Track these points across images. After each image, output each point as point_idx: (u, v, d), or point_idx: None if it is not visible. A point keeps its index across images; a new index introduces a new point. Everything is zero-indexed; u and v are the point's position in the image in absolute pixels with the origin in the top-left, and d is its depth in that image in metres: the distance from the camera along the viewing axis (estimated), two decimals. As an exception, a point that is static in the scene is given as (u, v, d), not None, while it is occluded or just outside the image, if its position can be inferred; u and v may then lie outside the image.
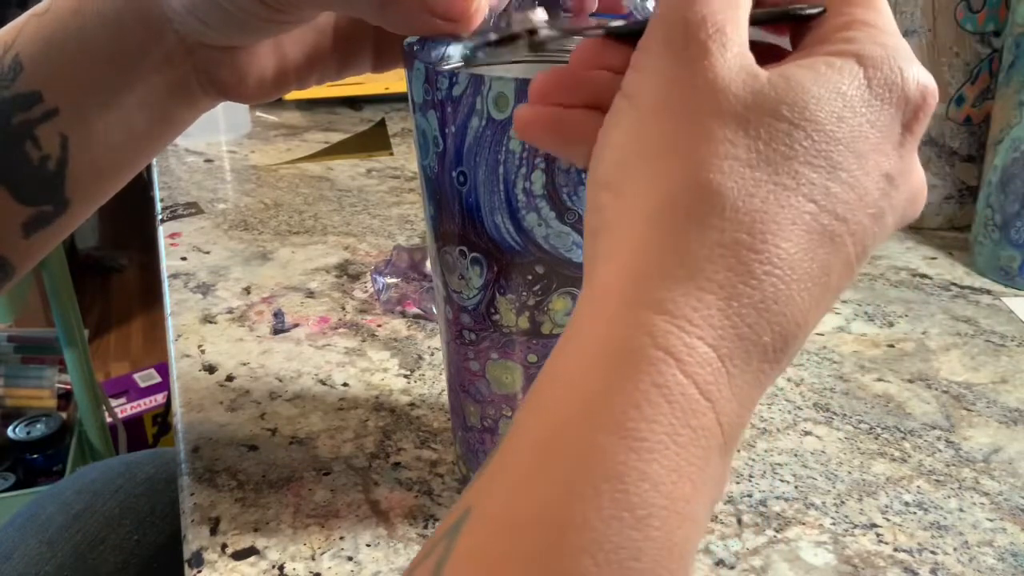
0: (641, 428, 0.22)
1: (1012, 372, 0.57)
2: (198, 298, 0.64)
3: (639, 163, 0.25)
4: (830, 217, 0.24)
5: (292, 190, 0.83)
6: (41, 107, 0.39)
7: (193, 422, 0.51)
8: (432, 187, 0.38)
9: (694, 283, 0.23)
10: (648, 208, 0.24)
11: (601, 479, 0.21)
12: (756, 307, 0.23)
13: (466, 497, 0.24)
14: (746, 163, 0.24)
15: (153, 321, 2.35)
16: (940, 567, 0.42)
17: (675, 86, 0.25)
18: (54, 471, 1.41)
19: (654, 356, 0.22)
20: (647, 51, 0.26)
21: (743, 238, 0.23)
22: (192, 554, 0.42)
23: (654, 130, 0.25)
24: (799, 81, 0.25)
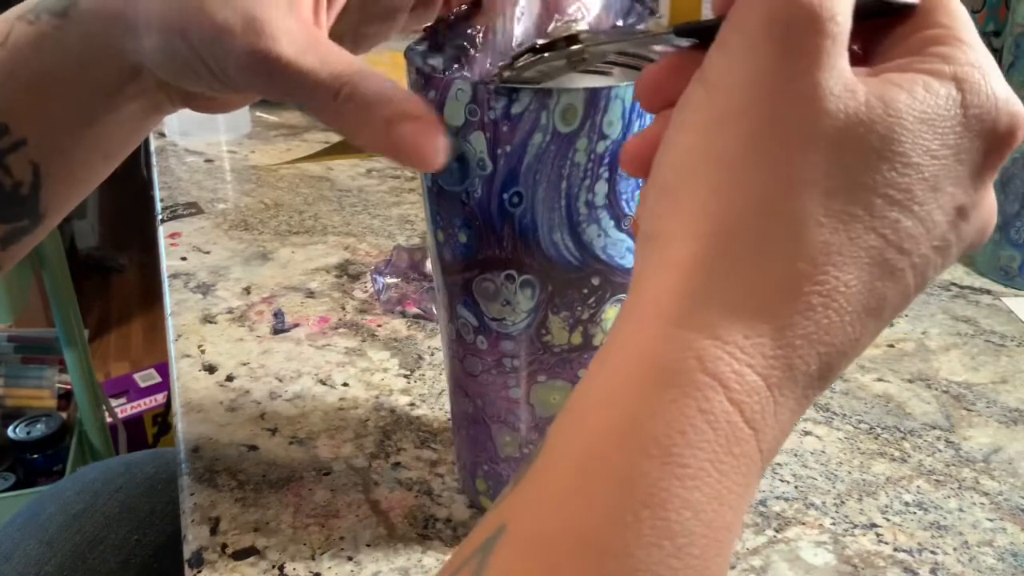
0: (685, 454, 0.21)
1: (1012, 372, 0.57)
2: (198, 298, 0.64)
3: (706, 170, 0.23)
4: (895, 252, 0.23)
5: (292, 190, 0.83)
6: (8, 139, 0.38)
7: (193, 422, 0.51)
8: (466, 213, 0.36)
9: (748, 309, 0.23)
10: (709, 225, 0.23)
11: (642, 505, 0.21)
12: (809, 338, 0.23)
13: (498, 512, 0.23)
14: (824, 191, 0.23)
15: (153, 321, 2.35)
16: (940, 567, 0.42)
17: (766, 86, 0.23)
18: (54, 471, 1.41)
19: (701, 381, 0.22)
20: (740, 29, 0.23)
21: (806, 268, 0.23)
22: (192, 554, 0.42)
23: (731, 133, 0.23)
24: (896, 108, 0.23)
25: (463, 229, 0.37)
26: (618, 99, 0.33)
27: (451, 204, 0.36)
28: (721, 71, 0.24)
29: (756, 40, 0.23)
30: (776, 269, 0.23)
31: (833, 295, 0.23)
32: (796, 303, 0.23)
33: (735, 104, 0.23)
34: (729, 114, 0.23)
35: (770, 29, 0.23)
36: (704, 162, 0.24)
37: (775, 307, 0.23)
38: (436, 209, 0.38)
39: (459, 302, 0.38)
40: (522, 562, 0.21)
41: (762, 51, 0.23)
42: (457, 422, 0.43)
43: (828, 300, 0.23)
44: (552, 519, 0.22)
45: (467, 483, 0.45)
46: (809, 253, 0.23)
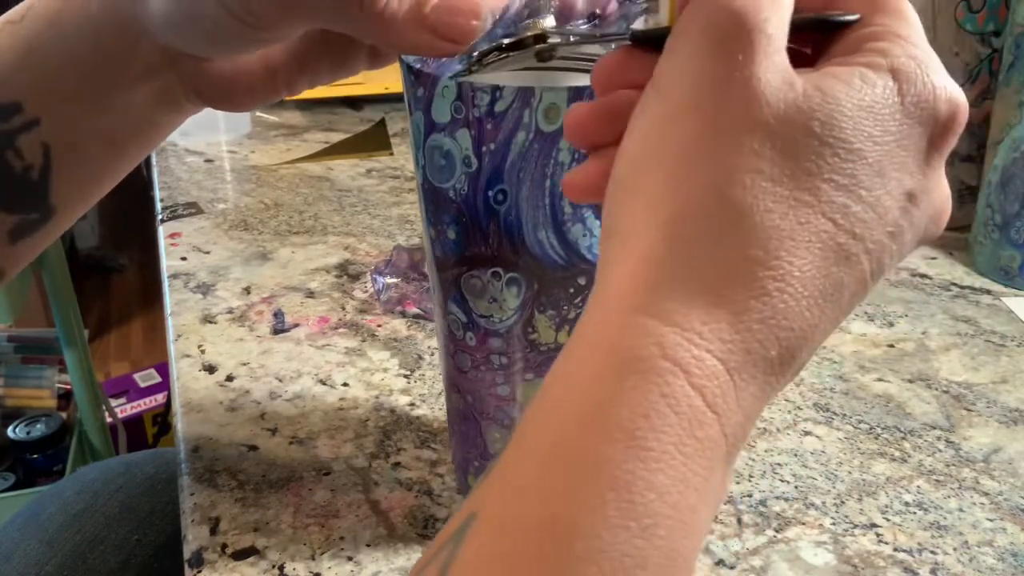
0: (648, 438, 0.22)
1: (1012, 372, 0.57)
2: (198, 298, 0.64)
3: (659, 164, 0.25)
4: (847, 236, 0.24)
5: (292, 190, 0.83)
6: (21, 117, 0.38)
7: (193, 422, 0.51)
8: (454, 210, 0.36)
9: (705, 296, 0.23)
10: (663, 215, 0.24)
11: (607, 488, 0.21)
12: (766, 322, 0.23)
13: (470, 502, 0.24)
14: (769, 177, 0.24)
15: (153, 321, 2.35)
16: (940, 567, 0.42)
17: (708, 84, 0.24)
18: (54, 471, 1.41)
19: (662, 367, 0.23)
20: (683, 38, 0.25)
21: (758, 254, 0.23)
22: (192, 554, 0.42)
23: (679, 130, 0.24)
24: (834, 95, 0.24)
25: (452, 225, 0.37)
26: None
27: (441, 200, 0.37)
28: (670, 74, 0.25)
29: (698, 45, 0.25)
30: (729, 256, 0.23)
31: (787, 279, 0.23)
32: (751, 288, 0.23)
33: (682, 102, 0.25)
34: (678, 111, 0.25)
35: (710, 34, 0.24)
36: (656, 156, 0.25)
37: (730, 293, 0.23)
38: (428, 206, 0.38)
39: (449, 298, 0.39)
40: (491, 546, 0.22)
41: (703, 54, 0.24)
42: (451, 419, 0.44)
43: (783, 285, 0.23)
44: (520, 505, 0.22)
45: (461, 480, 0.45)
46: (760, 239, 0.23)
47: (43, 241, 0.42)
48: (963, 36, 0.69)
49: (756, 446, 0.50)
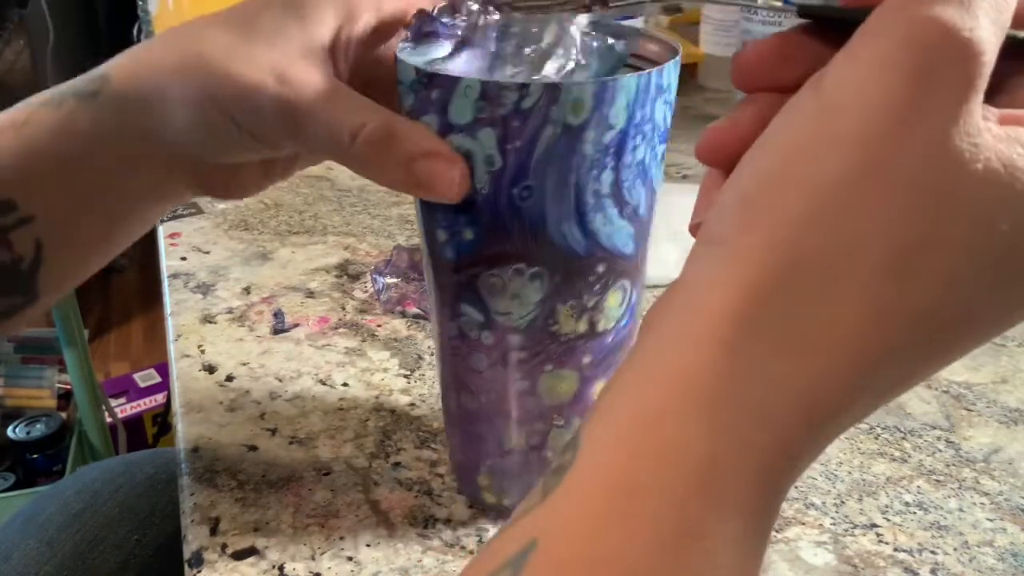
0: (726, 488, 0.21)
1: (1012, 372, 0.57)
2: (198, 298, 0.64)
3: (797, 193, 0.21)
4: (969, 341, 0.23)
5: (292, 190, 0.83)
6: (14, 215, 0.38)
7: (193, 422, 0.51)
8: (472, 211, 0.36)
9: (805, 349, 0.22)
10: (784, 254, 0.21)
11: (685, 534, 0.21)
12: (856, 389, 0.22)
13: (528, 525, 0.22)
14: (920, 246, 0.21)
15: (153, 321, 2.34)
16: (940, 567, 0.42)
17: (897, 116, 0.20)
18: (54, 471, 1.41)
19: (749, 410, 0.21)
20: (875, 43, 0.21)
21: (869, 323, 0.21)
22: (192, 554, 0.42)
23: (837, 161, 0.21)
24: (1014, 172, 0.21)
25: (469, 227, 0.37)
26: (624, 90, 0.34)
27: (456, 203, 0.36)
28: (843, 86, 0.21)
29: (891, 61, 0.20)
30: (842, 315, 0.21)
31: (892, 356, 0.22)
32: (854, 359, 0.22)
33: (851, 128, 0.21)
34: (841, 139, 0.21)
35: (911, 52, 0.20)
36: (797, 184, 0.22)
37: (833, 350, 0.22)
38: (437, 210, 0.38)
39: (462, 300, 0.38)
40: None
41: (894, 76, 0.20)
42: (455, 422, 0.43)
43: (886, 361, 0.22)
44: (590, 542, 0.21)
45: (466, 480, 0.45)
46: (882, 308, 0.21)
47: (22, 321, 0.42)
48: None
49: (756, 446, 0.50)
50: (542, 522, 0.22)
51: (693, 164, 0.87)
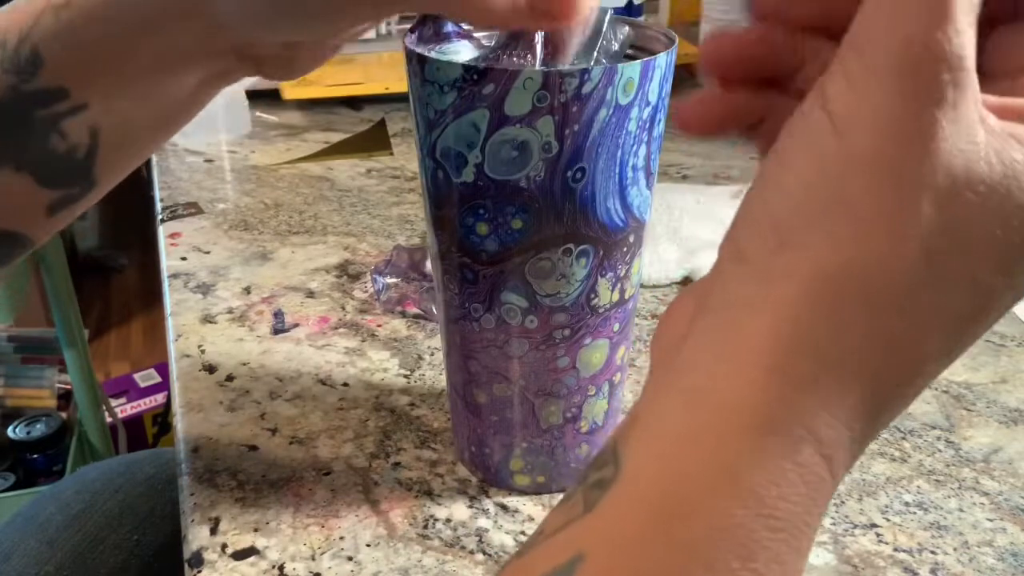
0: (778, 507, 0.21)
1: (1012, 372, 0.57)
2: (198, 298, 0.64)
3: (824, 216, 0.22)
4: (985, 329, 0.23)
5: (292, 190, 0.83)
6: (68, 103, 0.37)
7: (193, 422, 0.51)
8: (523, 198, 0.37)
9: (848, 367, 0.22)
10: (819, 273, 0.22)
11: (734, 556, 0.21)
12: (893, 398, 0.23)
13: (573, 537, 0.22)
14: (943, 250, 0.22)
15: (153, 321, 2.35)
16: (940, 567, 0.42)
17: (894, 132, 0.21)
18: (54, 471, 1.41)
19: (798, 435, 0.22)
20: (866, 62, 0.22)
21: (909, 333, 0.22)
22: (192, 554, 0.42)
23: (859, 181, 0.22)
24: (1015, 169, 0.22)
25: (518, 215, 0.38)
26: (659, 68, 0.37)
27: (503, 194, 0.37)
28: (848, 105, 0.22)
29: (885, 78, 0.21)
30: (878, 329, 0.22)
31: (925, 361, 0.23)
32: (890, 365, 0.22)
33: (865, 147, 0.22)
34: (858, 159, 0.22)
35: (901, 69, 0.21)
36: (825, 207, 0.22)
37: (872, 367, 0.22)
38: (477, 206, 0.38)
39: (505, 289, 0.40)
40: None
41: (888, 91, 0.21)
42: (484, 414, 0.44)
43: (919, 367, 0.23)
44: (640, 559, 0.21)
45: (494, 470, 0.46)
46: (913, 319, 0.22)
47: (79, 210, 0.41)
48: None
49: (756, 446, 0.50)
50: (589, 535, 0.22)
51: (693, 164, 0.87)
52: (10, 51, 0.37)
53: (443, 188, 0.39)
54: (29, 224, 0.40)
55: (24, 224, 0.40)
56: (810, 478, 0.22)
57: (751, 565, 0.21)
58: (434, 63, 0.36)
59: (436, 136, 0.38)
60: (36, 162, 0.38)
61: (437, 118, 0.37)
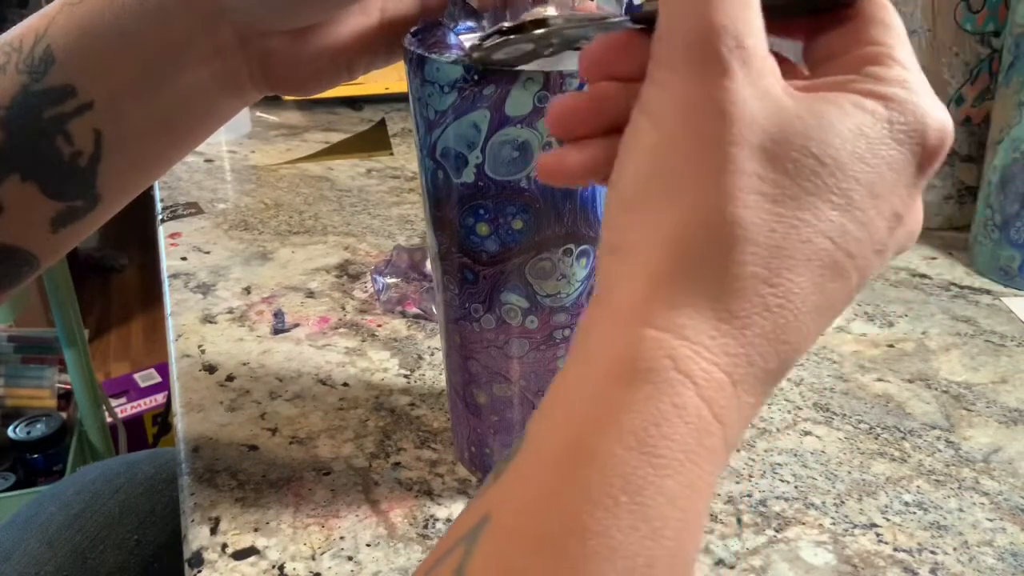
0: (660, 446, 0.23)
1: (1012, 372, 0.57)
2: (198, 298, 0.64)
3: (660, 187, 0.25)
4: (843, 255, 0.25)
5: (292, 190, 0.83)
6: (74, 101, 0.37)
7: (193, 422, 0.51)
8: (523, 199, 0.37)
9: (712, 311, 0.24)
10: (669, 234, 0.25)
11: (620, 491, 0.23)
12: (767, 337, 0.25)
13: (481, 503, 0.24)
14: (770, 197, 0.24)
15: (153, 321, 2.35)
16: (940, 567, 0.42)
17: (695, 109, 0.25)
18: (54, 471, 1.41)
19: (674, 378, 0.24)
20: (662, 64, 0.26)
21: (761, 272, 0.24)
22: (192, 554, 0.42)
23: (676, 155, 0.25)
24: (826, 116, 0.25)
25: (519, 216, 0.38)
26: None
27: (504, 194, 0.37)
28: (656, 101, 0.26)
29: (677, 71, 0.25)
30: (734, 273, 0.24)
31: (789, 296, 0.25)
32: (755, 304, 0.24)
33: (676, 131, 0.25)
34: (673, 140, 0.25)
35: (687, 60, 0.25)
36: (658, 178, 0.26)
37: (736, 308, 0.24)
38: (478, 206, 0.38)
39: (505, 289, 0.40)
40: (508, 547, 0.23)
41: (682, 78, 0.25)
42: (483, 414, 0.44)
43: (784, 301, 0.25)
44: (540, 510, 0.23)
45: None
46: (763, 257, 0.24)
47: (86, 230, 0.41)
48: (963, 36, 0.69)
49: (756, 446, 0.50)
50: (494, 499, 0.24)
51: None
52: (26, 52, 0.37)
53: (443, 188, 0.39)
54: (34, 239, 0.40)
55: (29, 239, 0.40)
56: (691, 418, 0.24)
57: (637, 499, 0.23)
58: (434, 63, 0.36)
59: (436, 136, 0.38)
60: (42, 169, 0.38)
61: (437, 118, 0.37)
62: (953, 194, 0.74)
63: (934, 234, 0.75)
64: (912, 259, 0.71)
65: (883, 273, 0.69)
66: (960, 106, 0.72)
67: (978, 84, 0.71)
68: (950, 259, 0.71)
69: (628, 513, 0.22)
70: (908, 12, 0.70)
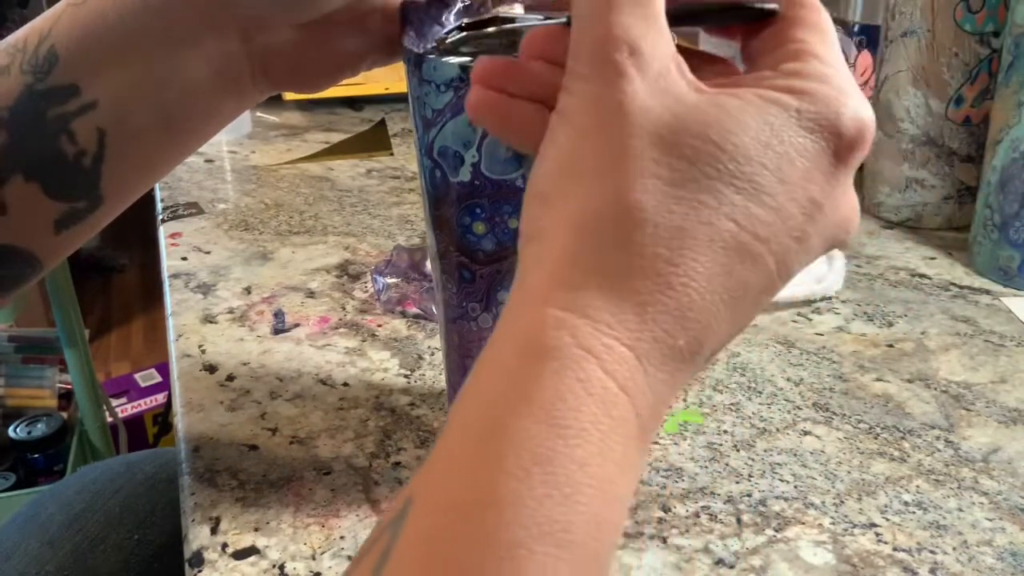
0: (567, 417, 0.24)
1: (1011, 372, 0.57)
2: (198, 298, 0.64)
3: (570, 179, 0.27)
4: (750, 236, 0.26)
5: (292, 190, 0.84)
6: (78, 100, 0.37)
7: (194, 422, 0.51)
8: (519, 198, 0.37)
9: (614, 291, 0.25)
10: (574, 220, 0.26)
11: (531, 462, 0.23)
12: (671, 314, 0.26)
13: (407, 489, 0.25)
14: (668, 182, 0.26)
15: (153, 321, 2.35)
16: (939, 567, 0.42)
17: (598, 107, 0.27)
18: (55, 471, 1.41)
19: (576, 354, 0.25)
20: (573, 74, 0.27)
21: (662, 252, 0.25)
22: (192, 554, 0.42)
23: (584, 150, 0.27)
24: (728, 108, 0.26)
25: (514, 215, 0.38)
26: None
27: (500, 193, 0.37)
28: (568, 105, 0.28)
29: (584, 77, 0.27)
30: (635, 254, 0.25)
31: (691, 275, 0.26)
32: (656, 283, 0.25)
33: (584, 125, 0.27)
34: (582, 133, 0.27)
35: (591, 66, 0.27)
36: (569, 172, 0.27)
37: (638, 287, 0.25)
38: (475, 205, 0.38)
39: (501, 288, 0.40)
40: (430, 525, 0.24)
41: (588, 83, 0.27)
42: None
43: (686, 280, 0.26)
44: (452, 481, 0.24)
45: None
46: (663, 238, 0.25)
47: (87, 232, 0.41)
48: (962, 36, 0.70)
49: (755, 446, 0.50)
50: (416, 483, 0.25)
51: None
52: (30, 52, 0.38)
53: (441, 187, 0.39)
54: (37, 241, 0.40)
55: (32, 240, 0.40)
56: (595, 390, 0.25)
57: (548, 468, 0.23)
58: (431, 62, 0.36)
59: (434, 135, 0.38)
60: (45, 169, 0.38)
61: (435, 117, 0.37)
62: (952, 194, 0.74)
63: (933, 234, 0.75)
64: (911, 259, 0.71)
65: (882, 273, 0.69)
66: (960, 106, 0.72)
67: (977, 84, 0.71)
68: (949, 259, 0.71)
69: (541, 483, 0.23)
70: (908, 12, 0.70)
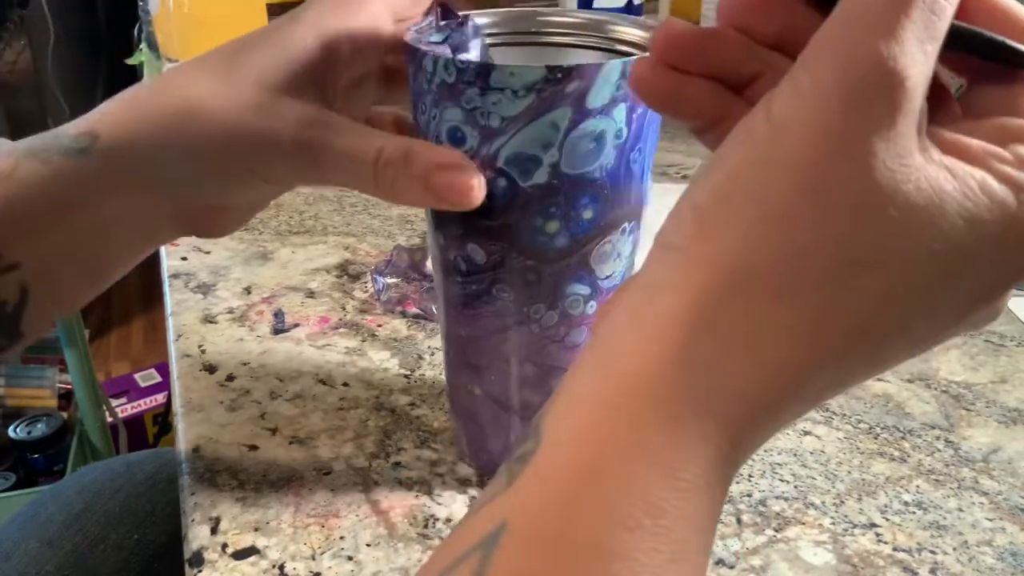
0: (682, 470, 0.23)
1: (1011, 372, 0.57)
2: (198, 298, 0.64)
3: (744, 206, 0.23)
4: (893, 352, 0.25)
5: (292, 190, 0.83)
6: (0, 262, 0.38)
7: (193, 422, 0.51)
8: (594, 189, 0.37)
9: (752, 348, 0.23)
10: (734, 261, 0.23)
11: (644, 514, 0.22)
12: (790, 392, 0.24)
13: (496, 509, 0.24)
14: (860, 260, 0.23)
15: (153, 321, 2.35)
16: (939, 567, 0.42)
17: (830, 141, 0.22)
18: (55, 471, 1.41)
19: (700, 408, 0.23)
20: (814, 72, 0.23)
21: (805, 327, 0.23)
22: (192, 554, 0.42)
23: (779, 178, 0.23)
24: (942, 197, 0.22)
25: (589, 206, 0.38)
26: None
27: (577, 188, 0.37)
28: (788, 110, 0.23)
29: (827, 89, 0.22)
30: (785, 319, 0.23)
31: (823, 360, 0.24)
32: (791, 360, 0.24)
33: (792, 149, 0.23)
34: (783, 159, 0.23)
35: (843, 83, 0.22)
36: (744, 198, 0.24)
37: (776, 351, 0.23)
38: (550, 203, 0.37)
39: (571, 282, 0.39)
40: (529, 561, 0.22)
41: (831, 103, 0.22)
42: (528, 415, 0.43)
43: (816, 365, 0.24)
44: (558, 521, 0.23)
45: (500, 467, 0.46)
46: (819, 316, 0.23)
47: (7, 358, 0.42)
48: (963, 36, 0.69)
49: (756, 446, 0.50)
50: (511, 505, 0.24)
51: (692, 164, 0.87)
52: None
53: (506, 196, 0.37)
54: None
55: None
56: (710, 448, 0.23)
57: (660, 521, 0.22)
58: (506, 69, 0.35)
59: (499, 145, 0.36)
60: None
61: (504, 126, 0.36)
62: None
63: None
64: (912, 259, 0.71)
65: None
66: (960, 106, 0.72)
67: (978, 84, 0.71)
68: (950, 259, 0.71)
69: (651, 536, 0.22)
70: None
